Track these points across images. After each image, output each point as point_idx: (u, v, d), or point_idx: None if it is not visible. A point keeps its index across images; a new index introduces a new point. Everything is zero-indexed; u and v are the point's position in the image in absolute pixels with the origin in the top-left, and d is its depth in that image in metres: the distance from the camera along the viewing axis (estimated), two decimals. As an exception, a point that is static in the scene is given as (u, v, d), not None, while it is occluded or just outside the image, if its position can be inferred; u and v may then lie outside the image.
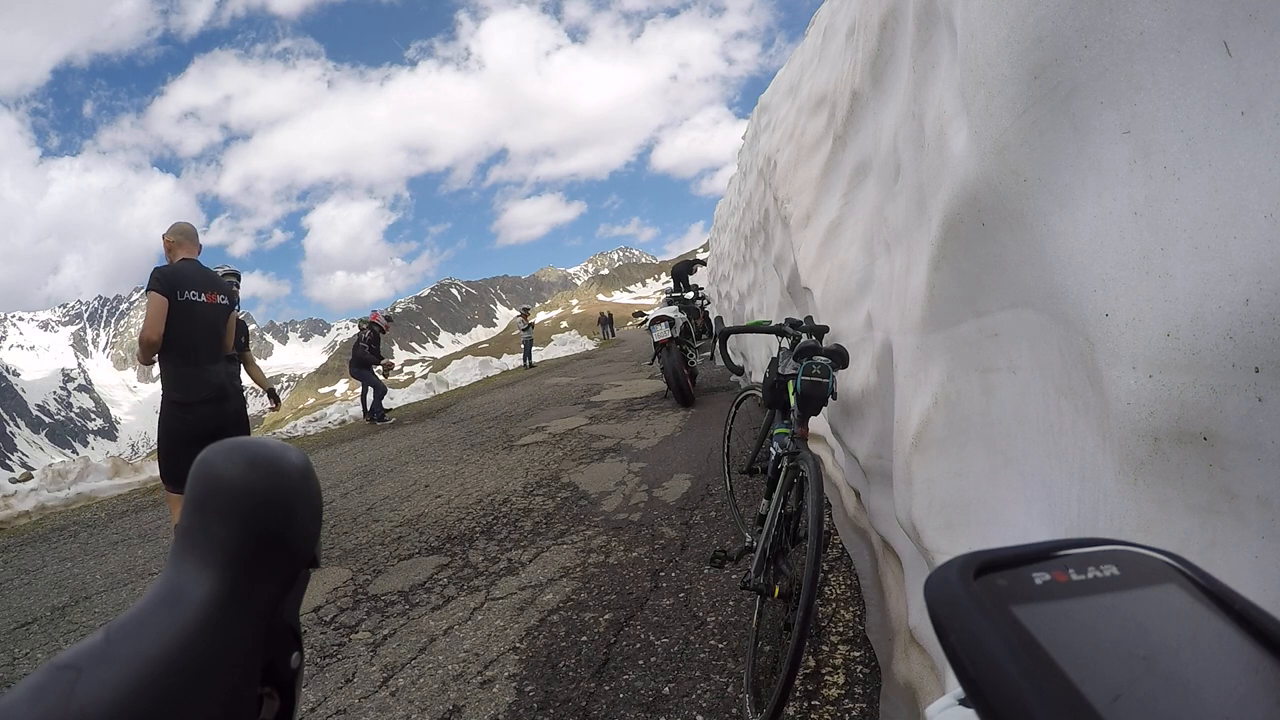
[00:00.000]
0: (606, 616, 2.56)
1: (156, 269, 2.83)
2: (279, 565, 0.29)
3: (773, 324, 2.47)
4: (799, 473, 1.98)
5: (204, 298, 2.83)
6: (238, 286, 3.93)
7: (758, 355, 6.16)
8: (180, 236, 2.93)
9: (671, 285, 10.73)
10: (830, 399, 2.08)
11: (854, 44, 2.51)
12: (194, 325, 2.81)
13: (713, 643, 2.30)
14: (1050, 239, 0.85)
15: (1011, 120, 0.89)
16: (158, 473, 7.52)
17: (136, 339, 2.85)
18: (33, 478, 6.90)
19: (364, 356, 9.39)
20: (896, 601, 2.00)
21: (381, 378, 9.61)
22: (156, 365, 2.87)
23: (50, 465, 7.67)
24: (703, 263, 13.51)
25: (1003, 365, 1.11)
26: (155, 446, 3.02)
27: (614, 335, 25.47)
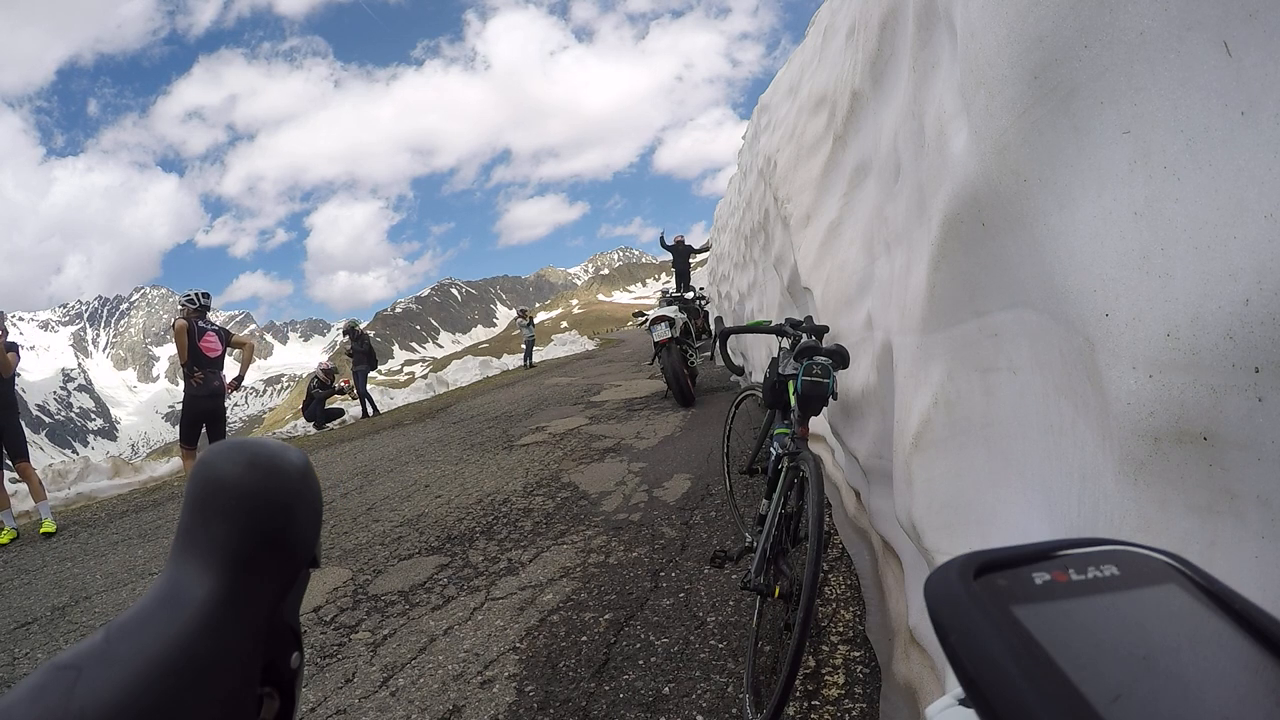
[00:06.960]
0: (606, 616, 2.56)
1: None
2: (279, 565, 0.29)
3: (773, 324, 2.46)
4: (799, 473, 1.98)
5: None
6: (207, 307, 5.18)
7: (758, 355, 6.16)
8: None
9: (673, 285, 10.69)
10: (830, 399, 2.08)
11: (854, 44, 2.51)
12: None
13: (713, 643, 2.30)
14: (1050, 239, 0.85)
15: (1011, 120, 0.89)
16: (158, 472, 7.51)
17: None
18: (33, 478, 6.88)
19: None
20: (896, 601, 2.00)
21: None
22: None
23: (50, 465, 7.68)
24: (706, 248, 13.38)
25: (1003, 365, 1.11)
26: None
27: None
